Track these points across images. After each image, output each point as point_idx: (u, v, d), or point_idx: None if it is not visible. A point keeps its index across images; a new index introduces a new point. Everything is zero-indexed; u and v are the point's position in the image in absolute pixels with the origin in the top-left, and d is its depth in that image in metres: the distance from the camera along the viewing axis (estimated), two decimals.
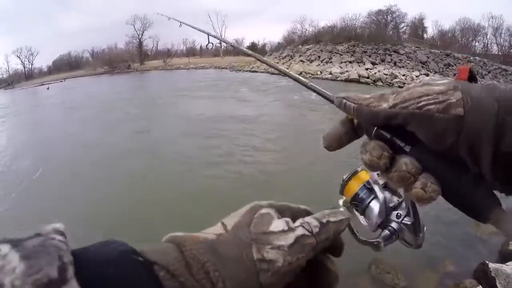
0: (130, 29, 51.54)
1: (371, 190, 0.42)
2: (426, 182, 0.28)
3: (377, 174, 0.38)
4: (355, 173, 0.44)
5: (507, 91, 0.27)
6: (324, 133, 0.37)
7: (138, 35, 51.36)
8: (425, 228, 0.39)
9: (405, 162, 0.29)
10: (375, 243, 0.39)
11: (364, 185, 0.43)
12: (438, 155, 0.29)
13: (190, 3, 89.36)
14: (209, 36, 1.20)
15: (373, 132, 0.32)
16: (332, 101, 0.36)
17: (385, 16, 36.75)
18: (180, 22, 1.62)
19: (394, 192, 0.41)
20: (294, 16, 77.50)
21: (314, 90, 0.43)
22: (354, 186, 0.43)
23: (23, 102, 20.57)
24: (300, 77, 0.48)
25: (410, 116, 0.28)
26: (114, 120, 9.82)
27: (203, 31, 1.28)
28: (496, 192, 0.29)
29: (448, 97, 0.27)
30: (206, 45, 1.27)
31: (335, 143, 0.36)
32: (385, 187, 0.42)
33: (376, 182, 0.42)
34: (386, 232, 0.40)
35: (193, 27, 1.46)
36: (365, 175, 0.43)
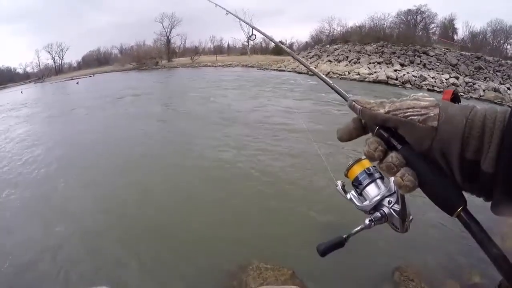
0: (158, 27, 52.94)
1: (370, 176, 0.50)
2: (404, 173, 0.35)
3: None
4: (359, 160, 0.52)
5: (478, 110, 0.34)
6: (338, 127, 0.44)
7: (166, 33, 52.63)
8: (410, 217, 0.47)
9: (392, 156, 0.37)
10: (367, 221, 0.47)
11: (365, 170, 0.50)
12: (420, 156, 0.36)
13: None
14: (252, 29, 1.21)
15: (375, 130, 0.39)
16: (346, 100, 0.44)
17: (415, 16, 35.80)
18: (227, 11, 1.70)
19: (388, 183, 0.49)
20: (321, 15, 75.55)
21: (336, 91, 0.51)
22: (357, 170, 0.51)
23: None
24: (326, 78, 0.56)
25: (398, 122, 0.37)
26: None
27: (246, 23, 1.42)
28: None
29: (428, 112, 0.35)
30: (249, 37, 1.32)
31: (346, 136, 0.43)
32: (381, 177, 0.50)
33: (376, 171, 0.50)
34: (378, 214, 0.48)
35: (238, 18, 1.59)
36: (367, 163, 0.51)
